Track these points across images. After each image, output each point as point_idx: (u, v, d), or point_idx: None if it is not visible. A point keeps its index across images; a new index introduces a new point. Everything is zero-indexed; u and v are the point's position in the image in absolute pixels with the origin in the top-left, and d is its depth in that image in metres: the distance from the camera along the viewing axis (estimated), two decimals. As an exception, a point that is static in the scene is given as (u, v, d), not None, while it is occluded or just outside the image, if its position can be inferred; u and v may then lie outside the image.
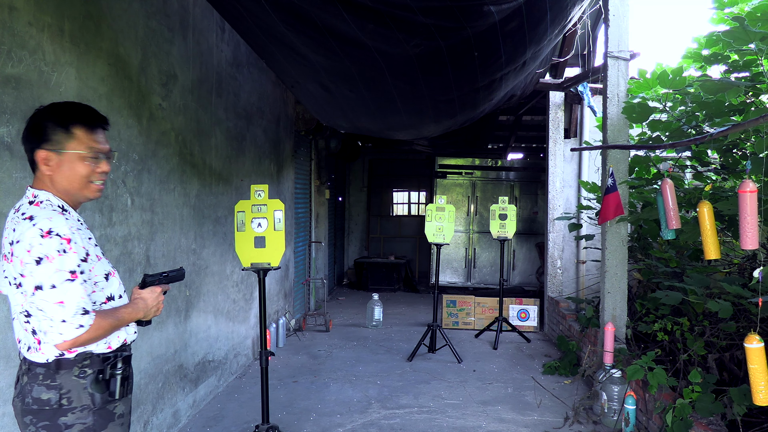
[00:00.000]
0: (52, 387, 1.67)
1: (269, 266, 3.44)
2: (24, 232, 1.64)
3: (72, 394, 1.69)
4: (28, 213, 1.68)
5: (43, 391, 1.67)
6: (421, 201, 12.22)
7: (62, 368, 1.69)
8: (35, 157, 1.75)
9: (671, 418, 3.12)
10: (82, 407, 1.69)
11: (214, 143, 4.43)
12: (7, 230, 1.72)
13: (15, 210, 1.74)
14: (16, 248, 1.64)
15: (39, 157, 1.74)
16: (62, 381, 1.68)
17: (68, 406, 1.68)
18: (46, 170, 1.75)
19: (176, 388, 3.83)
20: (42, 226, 1.63)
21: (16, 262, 1.65)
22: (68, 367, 1.69)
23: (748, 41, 2.92)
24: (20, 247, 1.64)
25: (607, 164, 4.39)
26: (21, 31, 2.37)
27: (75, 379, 1.70)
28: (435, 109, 4.83)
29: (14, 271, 1.66)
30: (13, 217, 1.72)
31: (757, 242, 2.46)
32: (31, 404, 1.67)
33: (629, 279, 4.84)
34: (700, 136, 3.39)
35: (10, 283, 1.70)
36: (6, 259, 1.69)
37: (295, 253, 6.93)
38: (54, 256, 1.62)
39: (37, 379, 1.68)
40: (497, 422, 4.10)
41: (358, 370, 5.30)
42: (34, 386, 1.68)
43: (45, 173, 1.75)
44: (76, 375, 1.70)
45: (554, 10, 3.44)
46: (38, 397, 1.67)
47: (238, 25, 3.62)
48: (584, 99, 6.44)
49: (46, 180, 1.76)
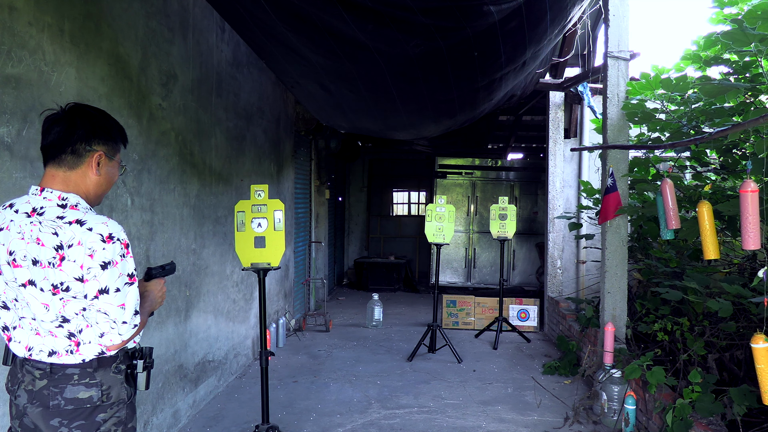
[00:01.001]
0: (92, 385, 1.70)
1: (269, 266, 3.44)
2: (79, 237, 1.62)
3: (112, 390, 1.73)
4: (71, 217, 1.65)
5: (81, 390, 1.68)
6: (421, 201, 12.22)
7: (102, 366, 1.72)
8: (89, 155, 1.72)
9: (671, 418, 3.12)
10: (119, 401, 1.75)
11: (214, 143, 4.43)
12: (25, 234, 1.64)
13: (30, 213, 1.66)
14: (70, 252, 1.62)
15: (94, 157, 1.73)
16: (102, 378, 1.72)
17: (107, 402, 1.72)
18: (92, 171, 1.74)
19: (176, 388, 3.83)
20: (101, 231, 1.64)
21: (68, 267, 1.62)
22: (107, 365, 1.73)
23: (748, 43, 2.91)
24: (77, 251, 1.62)
25: (607, 164, 4.39)
26: (21, 31, 2.37)
27: (113, 375, 1.74)
28: (435, 109, 4.84)
29: (61, 276, 1.63)
30: (38, 221, 1.65)
31: (759, 242, 2.45)
32: (64, 405, 1.67)
33: (629, 279, 4.84)
34: (700, 136, 3.39)
35: (43, 289, 1.65)
36: (40, 265, 1.63)
37: (295, 253, 6.93)
38: (118, 261, 1.65)
39: (70, 380, 1.68)
40: (497, 422, 4.10)
41: (358, 370, 5.30)
42: (67, 387, 1.68)
43: (87, 173, 1.73)
44: (113, 371, 1.75)
45: (554, 10, 3.44)
46: (74, 397, 1.68)
47: (238, 25, 3.62)
48: (584, 99, 6.44)
49: (72, 181, 1.72)
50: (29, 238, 1.65)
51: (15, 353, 1.76)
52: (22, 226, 1.66)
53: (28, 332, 1.71)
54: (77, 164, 1.72)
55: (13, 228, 1.67)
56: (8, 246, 1.67)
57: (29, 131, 2.43)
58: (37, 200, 1.69)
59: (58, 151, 1.71)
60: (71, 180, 1.72)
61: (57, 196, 1.68)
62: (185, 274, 3.92)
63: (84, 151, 1.72)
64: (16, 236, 1.66)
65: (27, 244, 1.65)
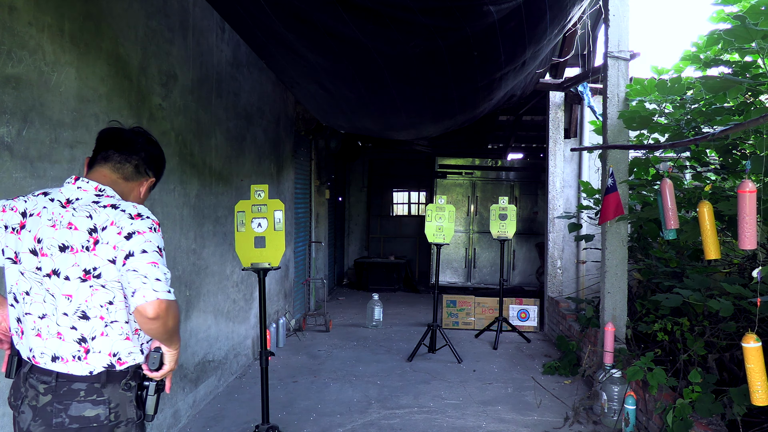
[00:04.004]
0: (100, 402, 1.61)
1: (269, 266, 3.44)
2: (113, 218, 1.62)
3: (120, 408, 1.64)
4: (106, 202, 1.66)
5: (88, 407, 1.59)
6: (421, 201, 12.23)
7: (111, 381, 1.64)
8: (146, 177, 1.86)
9: (671, 418, 3.12)
10: (127, 420, 1.66)
11: (214, 143, 4.43)
12: (57, 221, 1.63)
13: (64, 204, 1.65)
14: (104, 235, 1.60)
15: (148, 182, 1.88)
16: (110, 395, 1.63)
17: (114, 421, 1.63)
18: (139, 191, 1.86)
19: (176, 388, 3.83)
20: (131, 211, 1.65)
21: (102, 250, 1.60)
22: (116, 380, 1.65)
23: (750, 39, 2.90)
24: (110, 233, 1.60)
25: (607, 164, 4.38)
26: (21, 31, 2.37)
27: (122, 392, 1.66)
28: (434, 109, 4.84)
29: (94, 261, 1.60)
30: (72, 208, 1.64)
31: (755, 242, 2.46)
32: (68, 424, 1.57)
33: (629, 279, 4.84)
34: (700, 136, 3.39)
35: (69, 278, 1.60)
36: (71, 251, 1.60)
37: (295, 253, 6.93)
38: (145, 230, 1.63)
39: (76, 395, 1.59)
40: (497, 422, 4.10)
41: (358, 370, 5.30)
42: (72, 404, 1.59)
43: (135, 190, 1.84)
44: (123, 388, 1.66)
45: (554, 9, 3.44)
46: (80, 415, 1.58)
47: (237, 25, 3.62)
48: (584, 99, 6.44)
49: (119, 188, 1.78)
50: (60, 225, 1.62)
51: (20, 354, 1.69)
52: (54, 214, 1.64)
53: (28, 332, 1.65)
54: (132, 179, 1.81)
55: (45, 215, 1.64)
56: (36, 233, 1.63)
57: (29, 131, 2.43)
58: (71, 190, 1.69)
59: (123, 158, 1.79)
60: (119, 186, 1.78)
61: (94, 187, 1.70)
62: (185, 275, 3.92)
63: (143, 172, 1.84)
64: (47, 224, 1.63)
65: (56, 231, 1.62)
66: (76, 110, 2.74)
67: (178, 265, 3.81)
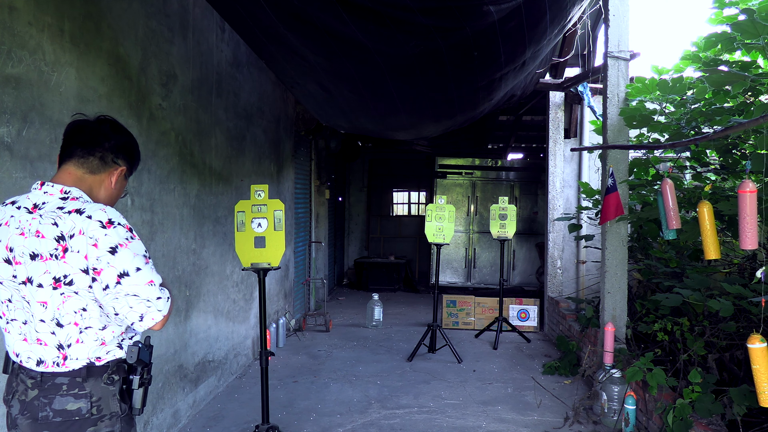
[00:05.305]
0: (81, 396, 1.63)
1: (269, 266, 3.44)
2: (80, 226, 1.59)
3: (102, 402, 1.65)
4: (70, 206, 1.63)
5: (69, 401, 1.62)
6: (421, 201, 12.22)
7: (91, 375, 1.65)
8: (113, 167, 1.78)
9: (671, 418, 3.12)
10: (111, 414, 1.66)
11: (214, 143, 4.43)
12: (25, 229, 1.62)
13: (31, 209, 1.64)
14: (73, 243, 1.58)
15: (117, 171, 1.79)
16: (91, 389, 1.64)
17: (98, 414, 1.64)
18: (110, 182, 1.78)
19: (176, 388, 3.83)
20: (100, 218, 1.61)
21: (72, 258, 1.59)
22: (97, 375, 1.66)
23: (757, 35, 2.88)
24: (79, 241, 1.58)
25: (607, 164, 4.39)
26: (21, 31, 2.37)
27: (104, 386, 1.66)
28: (434, 109, 4.84)
29: (65, 268, 1.59)
30: (39, 214, 1.62)
31: (756, 242, 2.46)
32: (52, 417, 1.60)
33: (629, 279, 4.84)
34: (701, 136, 3.39)
35: (42, 285, 1.60)
36: (41, 258, 1.59)
37: (295, 253, 6.93)
38: (124, 242, 1.62)
39: (59, 390, 1.62)
40: (497, 422, 4.10)
41: (358, 370, 5.30)
42: (56, 398, 1.61)
43: (104, 182, 1.77)
44: (105, 382, 1.67)
45: (553, 9, 3.45)
46: (63, 409, 1.61)
47: (237, 25, 3.62)
48: (584, 99, 6.44)
49: (87, 183, 1.74)
50: (29, 232, 1.62)
51: (10, 356, 1.72)
52: (22, 222, 1.63)
53: (15, 336, 1.67)
54: (99, 170, 1.76)
55: (13, 224, 1.64)
56: (7, 242, 1.64)
57: (29, 131, 2.43)
58: (38, 195, 1.67)
59: (85, 152, 1.73)
60: (86, 182, 1.73)
61: (59, 190, 1.68)
62: (185, 274, 3.92)
63: (110, 162, 1.77)
64: (15, 232, 1.63)
65: (26, 239, 1.62)
66: (76, 110, 2.73)
67: (178, 265, 3.81)
